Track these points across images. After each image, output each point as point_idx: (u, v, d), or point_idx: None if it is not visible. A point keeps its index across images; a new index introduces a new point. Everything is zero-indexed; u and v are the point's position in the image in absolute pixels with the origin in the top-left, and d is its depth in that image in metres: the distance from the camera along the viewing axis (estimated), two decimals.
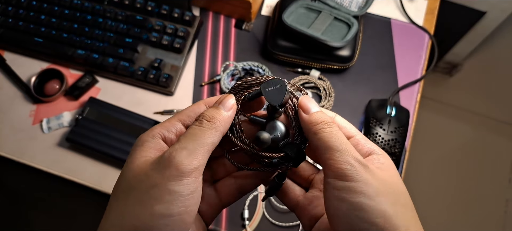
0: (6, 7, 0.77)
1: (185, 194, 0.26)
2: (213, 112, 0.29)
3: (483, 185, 1.50)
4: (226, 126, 0.30)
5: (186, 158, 0.26)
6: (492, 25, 1.19)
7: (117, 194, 0.28)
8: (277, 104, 0.31)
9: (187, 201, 0.26)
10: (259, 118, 0.34)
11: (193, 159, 0.26)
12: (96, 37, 0.74)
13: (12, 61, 0.76)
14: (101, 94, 0.74)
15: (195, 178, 0.26)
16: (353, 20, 0.71)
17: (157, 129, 0.30)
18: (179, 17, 0.75)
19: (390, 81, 0.73)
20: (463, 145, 1.57)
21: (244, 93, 0.32)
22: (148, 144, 0.29)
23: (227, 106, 0.30)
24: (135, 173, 0.27)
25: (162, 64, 0.73)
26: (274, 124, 0.32)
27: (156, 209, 0.25)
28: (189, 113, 0.31)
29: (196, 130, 0.28)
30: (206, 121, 0.29)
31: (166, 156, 0.27)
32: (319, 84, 0.72)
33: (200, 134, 0.28)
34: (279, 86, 0.31)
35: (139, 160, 0.28)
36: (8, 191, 1.37)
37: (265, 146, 0.31)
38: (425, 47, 0.76)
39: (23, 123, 0.72)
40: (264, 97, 0.31)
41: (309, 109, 0.31)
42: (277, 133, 0.32)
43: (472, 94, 1.63)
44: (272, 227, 0.64)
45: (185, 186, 0.26)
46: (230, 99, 0.31)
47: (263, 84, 0.31)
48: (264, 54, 0.76)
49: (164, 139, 0.30)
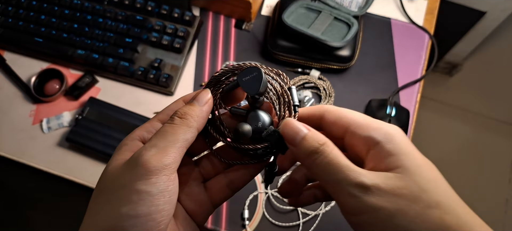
0: (6, 7, 0.77)
1: (154, 193, 0.25)
2: (186, 108, 0.29)
3: (483, 185, 1.50)
4: (200, 121, 0.29)
5: (154, 156, 0.26)
6: (492, 25, 1.19)
7: (92, 196, 0.28)
8: (254, 93, 0.29)
9: (157, 200, 0.25)
10: (240, 109, 0.32)
11: (163, 156, 0.26)
12: (96, 37, 0.74)
13: (12, 61, 0.76)
14: (101, 94, 0.74)
15: (165, 176, 0.26)
16: (353, 20, 0.71)
17: (137, 131, 0.30)
18: (179, 17, 0.75)
19: (390, 81, 0.73)
20: (463, 145, 1.57)
21: (221, 86, 0.31)
22: (126, 146, 0.29)
23: (201, 101, 0.30)
24: (108, 174, 0.27)
25: (162, 64, 0.73)
26: (255, 114, 0.31)
27: (123, 209, 0.25)
28: (168, 112, 0.31)
29: (167, 127, 0.28)
30: (177, 117, 0.28)
31: (135, 156, 0.26)
32: (319, 84, 0.72)
33: (171, 131, 0.27)
34: (255, 74, 0.29)
35: (115, 162, 0.28)
36: (8, 191, 1.37)
37: (246, 138, 0.30)
38: (425, 47, 0.76)
39: (23, 123, 0.72)
40: (241, 87, 0.30)
41: (294, 140, 0.28)
42: (259, 123, 0.31)
43: (472, 94, 1.63)
44: (272, 227, 0.64)
45: (154, 185, 0.25)
46: (205, 94, 0.30)
47: (239, 74, 0.30)
48: (264, 54, 0.76)
49: (143, 140, 0.30)
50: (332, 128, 0.30)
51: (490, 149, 1.56)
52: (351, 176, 0.25)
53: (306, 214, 0.64)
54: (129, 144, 0.29)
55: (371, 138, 0.27)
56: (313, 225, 0.64)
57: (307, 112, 0.32)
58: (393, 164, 0.26)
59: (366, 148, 0.28)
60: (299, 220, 0.64)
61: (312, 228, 0.63)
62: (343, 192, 0.25)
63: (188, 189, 0.32)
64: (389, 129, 0.28)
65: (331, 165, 0.26)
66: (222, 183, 0.33)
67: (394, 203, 0.24)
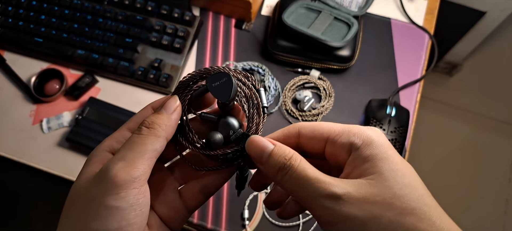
0: (6, 7, 0.77)
1: (124, 207, 0.24)
2: (154, 117, 0.28)
3: (483, 185, 1.50)
4: (169, 130, 0.28)
5: (122, 169, 0.25)
6: (492, 25, 1.19)
7: (63, 210, 0.27)
8: (225, 100, 0.28)
9: (128, 214, 0.25)
10: (210, 115, 0.31)
11: (132, 169, 0.25)
12: (96, 37, 0.74)
13: (12, 61, 0.76)
14: (101, 94, 0.74)
15: (135, 189, 0.25)
16: (353, 20, 0.71)
17: (107, 141, 0.29)
18: (179, 17, 0.75)
19: (390, 81, 0.73)
20: (463, 145, 1.57)
21: (190, 92, 0.30)
22: (95, 158, 0.28)
23: (169, 109, 0.29)
24: (78, 188, 0.27)
25: (162, 64, 0.73)
26: (226, 121, 0.30)
27: (92, 225, 0.24)
28: (137, 120, 0.30)
29: (135, 138, 0.27)
30: (145, 127, 0.27)
31: (103, 169, 0.26)
32: (319, 84, 0.72)
33: (139, 142, 0.27)
34: (225, 79, 0.28)
35: (84, 175, 0.27)
36: (8, 191, 1.37)
37: (218, 147, 0.29)
38: (425, 47, 0.76)
39: (23, 123, 0.72)
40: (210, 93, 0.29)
41: (261, 159, 0.28)
42: (230, 131, 0.30)
43: (472, 94, 1.63)
44: (272, 227, 0.64)
45: (123, 200, 0.24)
46: (173, 102, 0.29)
47: (208, 79, 0.29)
48: (264, 54, 0.76)
49: (113, 150, 0.29)
50: (311, 143, 0.30)
51: (490, 149, 1.56)
52: (321, 188, 0.25)
53: (306, 214, 0.64)
54: (98, 155, 0.28)
55: (352, 144, 0.27)
56: (313, 225, 0.64)
57: (282, 134, 0.31)
58: (368, 171, 0.25)
59: (347, 154, 0.27)
60: (299, 220, 0.64)
61: (312, 228, 0.63)
62: (316, 204, 0.25)
63: (162, 196, 0.32)
64: (369, 133, 0.27)
65: (300, 179, 0.26)
66: (195, 189, 0.32)
67: (366, 211, 0.24)
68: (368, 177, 0.25)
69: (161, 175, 0.33)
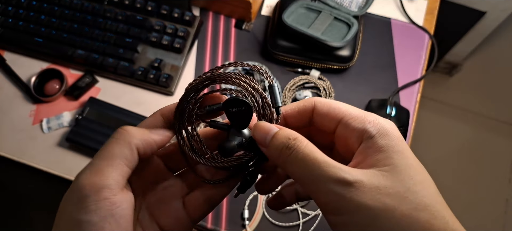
0: (6, 7, 0.77)
1: (95, 221, 0.22)
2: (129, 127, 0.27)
3: (483, 185, 1.50)
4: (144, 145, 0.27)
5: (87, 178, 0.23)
6: (492, 25, 1.19)
7: None
8: (241, 129, 0.27)
9: (101, 228, 0.22)
10: (221, 123, 0.30)
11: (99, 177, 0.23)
12: (96, 37, 0.74)
13: (12, 61, 0.76)
14: (101, 94, 0.74)
15: (107, 199, 0.23)
16: (353, 20, 0.71)
17: None
18: (179, 17, 0.75)
19: (390, 81, 0.73)
20: (463, 145, 1.57)
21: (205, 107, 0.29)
22: None
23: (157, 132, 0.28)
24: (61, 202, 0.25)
25: (162, 64, 0.73)
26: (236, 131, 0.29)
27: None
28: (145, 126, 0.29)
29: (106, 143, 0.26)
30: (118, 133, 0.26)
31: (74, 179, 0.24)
32: (319, 84, 0.72)
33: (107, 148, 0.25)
34: (244, 109, 0.27)
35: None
36: (8, 191, 1.37)
37: (232, 154, 0.27)
38: (425, 47, 0.76)
39: (23, 123, 0.72)
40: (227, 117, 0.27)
41: (264, 141, 0.26)
42: (242, 139, 0.28)
43: (472, 94, 1.63)
44: (272, 227, 0.64)
45: (94, 213, 0.22)
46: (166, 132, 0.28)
47: (226, 103, 0.27)
48: (264, 54, 0.76)
49: None
50: (324, 120, 0.29)
51: (490, 149, 1.56)
52: (330, 172, 0.23)
53: (306, 214, 0.64)
54: None
55: (365, 131, 0.26)
56: (313, 225, 0.64)
57: (297, 107, 0.30)
58: (382, 162, 0.24)
59: (358, 140, 0.26)
60: (299, 220, 0.64)
61: (312, 228, 0.63)
62: (322, 189, 0.23)
63: (166, 206, 0.30)
64: (384, 123, 0.26)
65: (307, 160, 0.24)
66: (199, 199, 0.31)
67: (379, 202, 0.22)
68: (381, 168, 0.24)
69: (166, 185, 0.31)
